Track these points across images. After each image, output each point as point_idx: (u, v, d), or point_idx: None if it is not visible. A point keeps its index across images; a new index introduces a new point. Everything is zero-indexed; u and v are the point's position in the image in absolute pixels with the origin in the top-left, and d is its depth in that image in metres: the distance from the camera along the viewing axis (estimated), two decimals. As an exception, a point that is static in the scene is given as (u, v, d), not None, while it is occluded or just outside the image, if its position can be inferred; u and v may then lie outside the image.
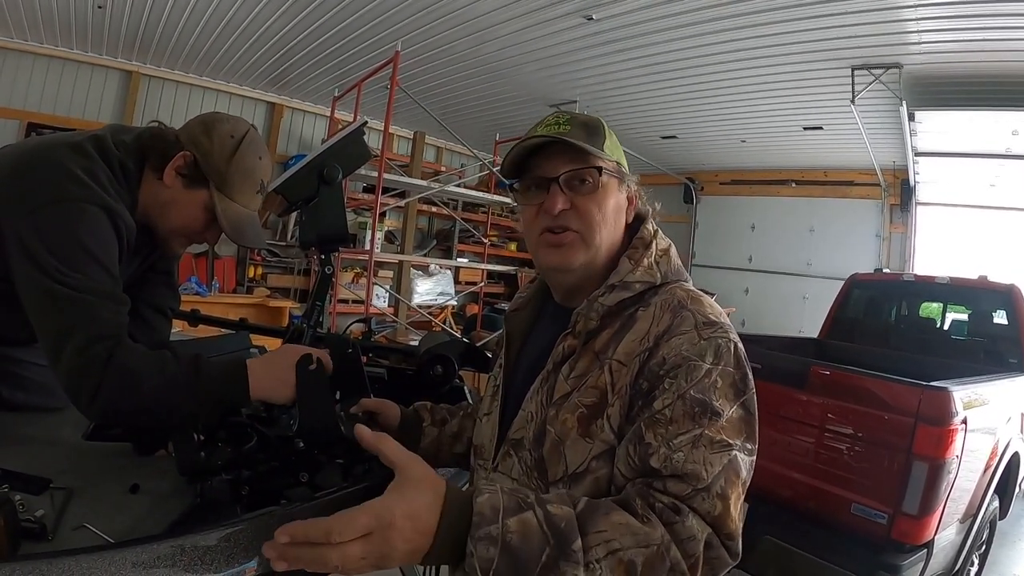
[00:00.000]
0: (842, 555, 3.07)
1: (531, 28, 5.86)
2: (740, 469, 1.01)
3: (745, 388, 1.08)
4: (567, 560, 0.85)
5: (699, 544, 0.93)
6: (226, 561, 1.03)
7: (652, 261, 1.22)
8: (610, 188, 1.23)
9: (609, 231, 1.23)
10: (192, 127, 1.61)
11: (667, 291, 1.19)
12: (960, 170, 7.99)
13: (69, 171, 1.39)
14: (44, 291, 1.30)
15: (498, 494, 0.89)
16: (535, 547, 0.85)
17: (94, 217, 1.39)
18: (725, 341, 1.09)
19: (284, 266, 8.98)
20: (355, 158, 1.78)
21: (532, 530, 0.86)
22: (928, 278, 5.89)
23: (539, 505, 0.89)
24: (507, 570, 0.84)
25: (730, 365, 1.08)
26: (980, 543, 3.86)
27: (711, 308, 1.15)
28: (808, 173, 10.10)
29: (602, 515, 0.90)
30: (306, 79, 8.01)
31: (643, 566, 0.88)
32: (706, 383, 1.04)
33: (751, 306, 10.27)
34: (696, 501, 0.96)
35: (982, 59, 5.46)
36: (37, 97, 7.10)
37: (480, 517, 0.86)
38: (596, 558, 0.86)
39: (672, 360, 1.07)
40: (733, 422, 1.04)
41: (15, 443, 1.52)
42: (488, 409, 1.36)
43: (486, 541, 0.84)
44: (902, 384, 3.17)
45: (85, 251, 1.35)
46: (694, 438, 1.00)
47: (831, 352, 5.56)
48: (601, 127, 1.25)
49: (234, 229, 1.63)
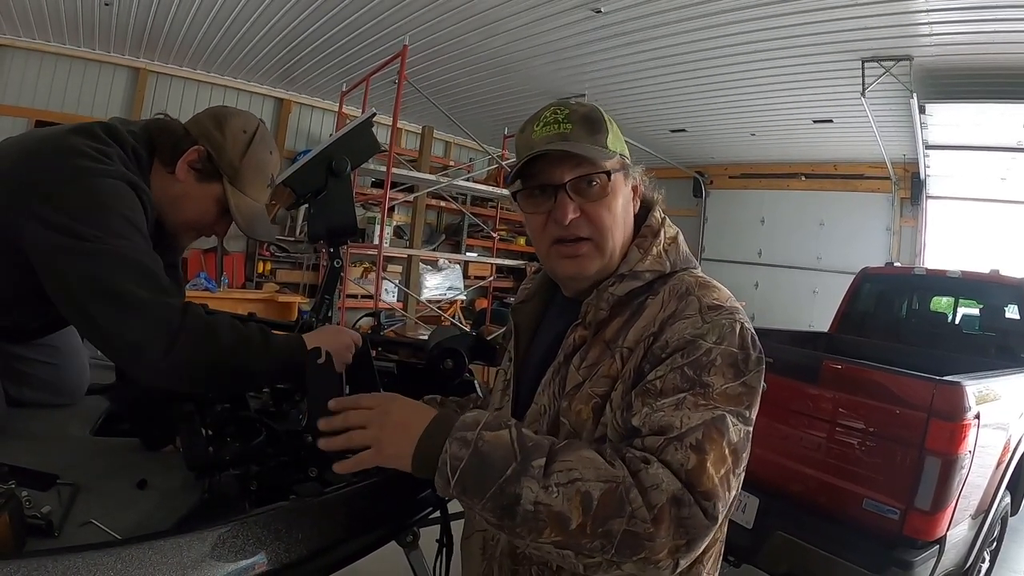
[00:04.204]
0: (854, 550, 3.05)
1: (539, 21, 5.83)
2: (726, 430, 0.99)
3: (747, 368, 1.06)
4: (526, 474, 0.92)
5: (662, 495, 0.90)
6: (235, 557, 1.03)
7: (661, 250, 1.22)
8: (618, 187, 1.21)
9: (621, 231, 1.22)
10: (203, 121, 1.61)
11: (676, 278, 1.18)
12: (971, 163, 7.94)
13: (82, 151, 1.37)
14: (89, 255, 1.25)
15: (484, 414, 1.02)
16: (501, 457, 0.94)
17: (120, 189, 1.38)
18: (729, 322, 1.08)
19: (293, 261, 8.98)
20: (364, 150, 1.78)
21: (503, 443, 0.96)
22: (939, 272, 5.85)
23: (515, 427, 0.99)
24: (473, 471, 0.94)
25: (733, 345, 1.07)
26: (992, 539, 3.84)
27: (718, 293, 1.15)
28: (818, 166, 10.03)
29: (572, 450, 0.96)
30: (314, 74, 8.00)
31: (599, 500, 0.90)
32: (703, 360, 1.04)
33: (761, 300, 10.23)
34: (668, 452, 0.95)
35: (993, 51, 5.41)
36: (45, 95, 7.11)
37: (462, 423, 0.99)
38: (557, 482, 0.91)
39: (675, 343, 1.07)
40: (725, 394, 1.03)
41: (22, 438, 1.51)
42: (499, 403, 1.36)
43: (460, 442, 0.96)
44: (915, 378, 3.14)
45: (121, 217, 1.33)
46: (677, 401, 1.01)
47: (842, 346, 5.54)
48: (602, 119, 1.21)
49: (247, 223, 1.64)
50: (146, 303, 1.25)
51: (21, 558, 0.89)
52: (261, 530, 1.08)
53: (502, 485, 0.92)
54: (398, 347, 2.35)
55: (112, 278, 1.25)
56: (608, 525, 0.89)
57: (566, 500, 0.90)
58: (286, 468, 1.33)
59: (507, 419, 1.02)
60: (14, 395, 1.67)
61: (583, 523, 0.89)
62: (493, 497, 0.93)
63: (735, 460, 0.98)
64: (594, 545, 0.90)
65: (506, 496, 0.92)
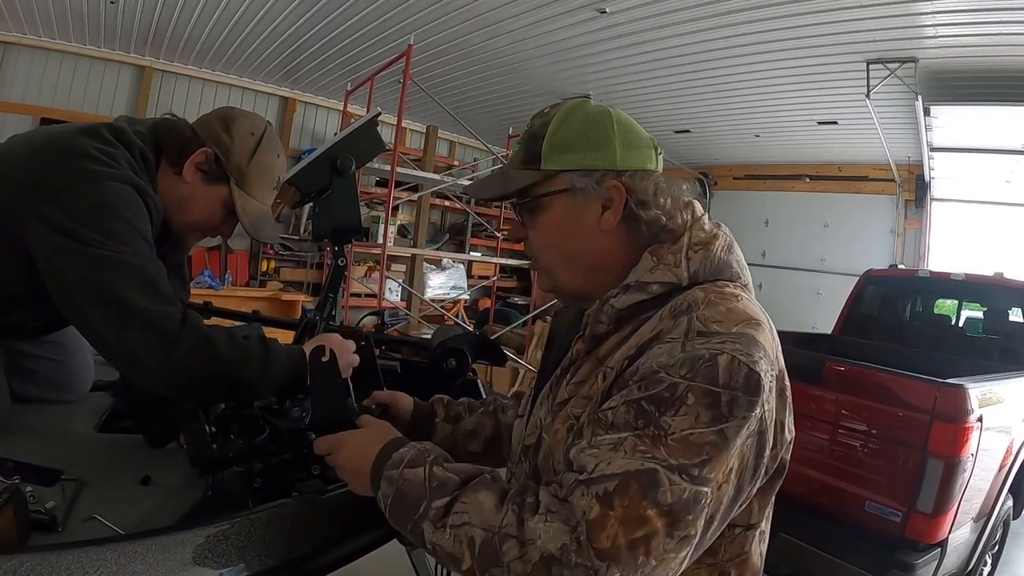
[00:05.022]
0: (856, 553, 3.06)
1: (544, 21, 5.83)
2: (653, 490, 0.83)
3: (731, 413, 0.88)
4: (426, 517, 0.94)
5: (536, 552, 0.83)
6: (238, 553, 1.03)
7: (681, 257, 1.06)
8: (554, 209, 1.11)
9: (568, 254, 1.12)
10: (210, 123, 1.61)
11: (688, 293, 1.01)
12: (976, 166, 7.91)
13: (89, 153, 1.37)
14: (92, 260, 1.26)
15: (412, 449, 1.04)
16: (415, 495, 0.97)
17: (125, 193, 1.37)
18: (713, 353, 0.90)
19: (297, 260, 9.00)
20: (368, 149, 1.78)
21: (417, 481, 0.98)
22: (943, 275, 5.83)
23: (430, 464, 1.00)
24: (396, 507, 0.99)
25: (712, 382, 0.88)
26: (993, 543, 3.83)
27: (726, 314, 0.96)
28: (822, 168, 10.01)
29: (474, 491, 0.94)
30: (319, 73, 8.01)
31: (480, 546, 0.88)
32: (665, 396, 0.88)
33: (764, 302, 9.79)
34: (575, 495, 0.86)
35: (999, 53, 5.39)
36: (51, 92, 7.12)
37: (391, 460, 1.02)
38: (452, 523, 0.92)
39: (643, 370, 0.93)
40: (686, 441, 0.86)
41: (26, 434, 1.52)
42: (522, 411, 1.29)
43: (387, 480, 1.01)
44: (918, 381, 3.14)
45: (125, 223, 1.33)
46: (617, 441, 0.88)
47: (845, 348, 5.53)
48: (542, 135, 1.11)
49: (253, 225, 1.64)
50: (145, 311, 1.25)
51: (25, 552, 0.90)
52: (264, 527, 1.08)
53: (416, 521, 0.95)
54: (401, 346, 2.35)
55: (113, 284, 1.25)
56: (491, 572, 0.87)
57: (456, 543, 0.90)
58: (289, 465, 1.33)
59: (431, 453, 1.03)
60: (19, 391, 1.68)
61: (471, 566, 0.89)
62: (411, 532, 0.97)
63: (670, 524, 0.83)
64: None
65: (417, 532, 0.96)
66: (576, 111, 1.12)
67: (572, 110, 1.12)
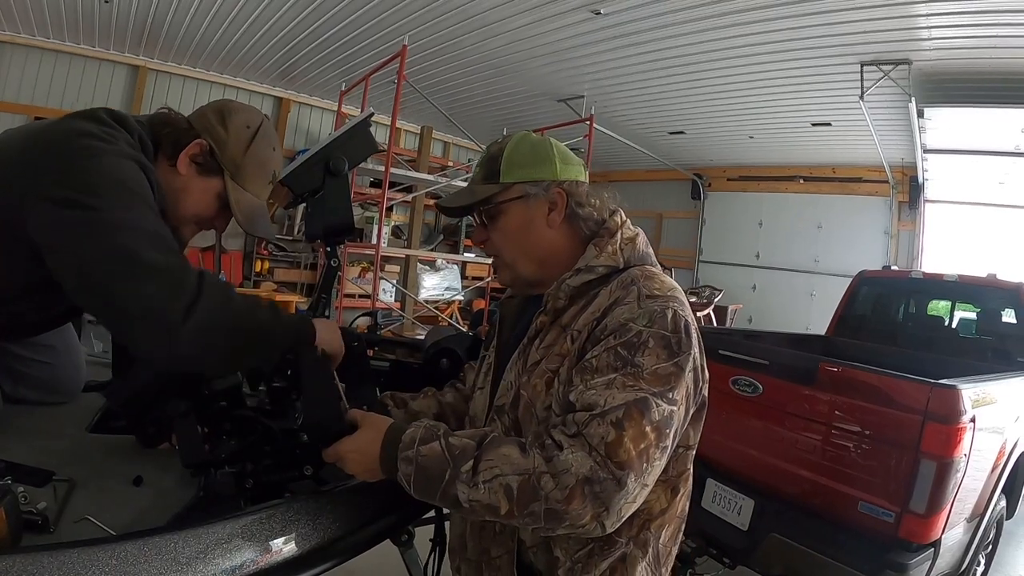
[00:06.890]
0: (849, 553, 3.05)
1: (539, 23, 5.85)
2: (647, 410, 1.11)
3: (680, 350, 1.18)
4: (458, 479, 1.10)
5: (572, 477, 1.06)
6: (229, 554, 1.03)
7: (617, 248, 1.36)
8: (512, 213, 1.39)
9: (525, 248, 1.41)
10: (207, 115, 1.60)
11: (627, 272, 1.31)
12: (969, 167, 7.95)
13: (89, 131, 1.34)
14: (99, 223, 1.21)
15: (419, 428, 1.18)
16: (438, 465, 1.12)
17: (127, 166, 1.35)
18: (661, 308, 1.20)
19: (291, 260, 8.99)
20: (361, 150, 1.78)
21: (436, 453, 1.13)
22: (936, 276, 5.83)
23: (444, 436, 1.15)
24: (420, 482, 1.13)
25: (664, 328, 1.18)
26: (987, 543, 3.84)
27: (660, 284, 1.27)
28: (816, 169, 10.06)
29: (495, 448, 1.12)
30: (313, 73, 8.02)
31: (518, 490, 1.07)
32: (634, 342, 1.17)
33: (759, 302, 10.25)
34: (591, 427, 1.10)
35: (992, 56, 5.42)
36: (44, 91, 7.12)
37: (403, 444, 1.15)
38: (483, 480, 1.09)
39: (611, 325, 1.21)
40: (656, 374, 1.15)
41: (18, 435, 1.51)
42: (481, 383, 1.52)
43: (405, 460, 1.14)
44: (911, 381, 3.13)
45: (130, 191, 1.30)
46: (608, 380, 1.14)
47: (838, 349, 5.53)
48: (499, 156, 1.40)
49: (247, 219, 1.62)
50: (161, 264, 1.21)
51: (17, 553, 0.90)
52: (256, 528, 1.08)
53: (444, 488, 1.11)
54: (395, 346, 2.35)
55: (125, 243, 1.21)
56: (530, 508, 1.07)
57: (492, 494, 1.08)
58: (281, 466, 1.33)
59: (439, 428, 1.18)
60: (10, 393, 1.67)
61: (511, 509, 1.07)
62: (441, 498, 1.13)
63: (657, 436, 1.11)
64: (525, 521, 1.08)
65: (448, 497, 1.11)
66: (524, 139, 1.42)
67: (521, 139, 1.42)
